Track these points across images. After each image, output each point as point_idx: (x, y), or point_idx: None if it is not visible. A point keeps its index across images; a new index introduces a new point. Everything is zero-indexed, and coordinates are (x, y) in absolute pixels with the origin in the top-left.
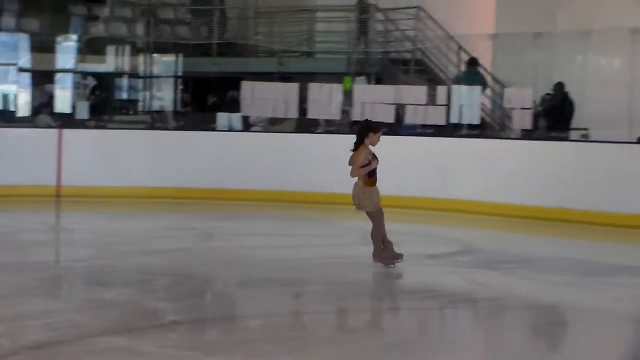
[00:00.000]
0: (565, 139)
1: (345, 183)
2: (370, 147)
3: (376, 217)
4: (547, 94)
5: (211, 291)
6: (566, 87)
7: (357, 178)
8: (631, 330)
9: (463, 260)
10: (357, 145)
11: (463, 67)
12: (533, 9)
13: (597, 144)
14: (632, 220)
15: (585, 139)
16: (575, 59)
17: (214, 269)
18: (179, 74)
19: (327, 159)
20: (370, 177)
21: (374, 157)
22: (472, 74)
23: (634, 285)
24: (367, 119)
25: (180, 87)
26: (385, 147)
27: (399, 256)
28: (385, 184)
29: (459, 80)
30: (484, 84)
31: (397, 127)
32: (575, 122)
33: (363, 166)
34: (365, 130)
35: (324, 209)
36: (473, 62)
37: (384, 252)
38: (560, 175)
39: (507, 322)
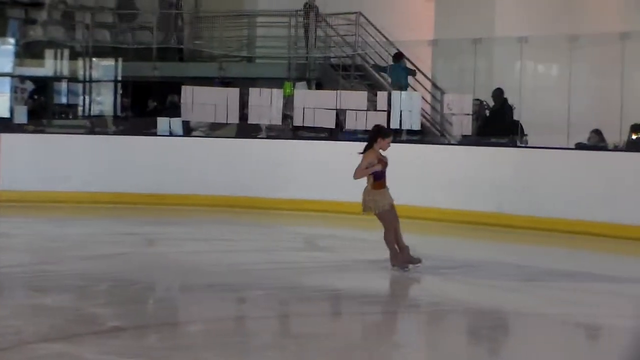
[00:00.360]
0: (505, 144)
1: (288, 188)
2: (381, 151)
3: (385, 219)
4: (477, 99)
5: (153, 297)
6: (505, 93)
7: (366, 181)
8: (571, 335)
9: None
10: (366, 148)
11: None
12: (472, 15)
13: (536, 149)
14: (570, 226)
15: (524, 144)
16: (514, 65)
17: (156, 274)
18: (119, 78)
19: (269, 164)
20: (377, 180)
21: (381, 160)
22: (398, 67)
23: (572, 290)
24: (377, 124)
25: (120, 91)
26: (326, 152)
27: (416, 260)
28: (326, 190)
29: (388, 74)
30: (412, 73)
31: (338, 133)
32: (514, 128)
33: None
34: (375, 135)
35: (267, 215)
36: (398, 57)
37: (400, 255)
38: (500, 181)
39: (449, 327)
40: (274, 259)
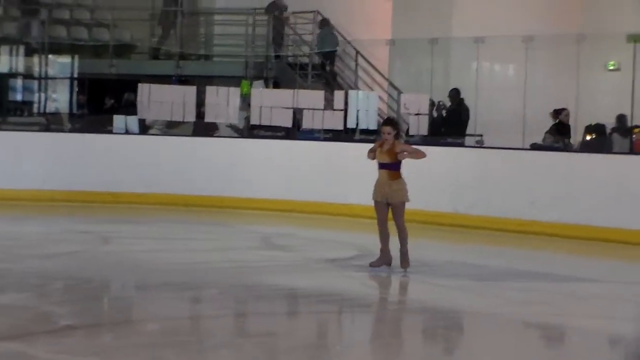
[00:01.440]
0: (461, 144)
1: (245, 187)
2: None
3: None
4: (430, 101)
5: (108, 295)
6: (462, 93)
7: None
8: (523, 334)
9: (361, 264)
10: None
11: (360, 72)
12: (429, 15)
13: (491, 150)
14: (525, 226)
15: (479, 144)
16: (471, 66)
17: (111, 272)
18: (75, 75)
19: (226, 163)
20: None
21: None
22: (325, 34)
23: (525, 290)
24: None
25: (76, 89)
26: (283, 151)
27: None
28: (284, 189)
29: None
30: (335, 43)
31: (295, 132)
32: (470, 128)
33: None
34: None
35: (224, 214)
36: (325, 23)
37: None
38: (455, 181)
39: (404, 326)
40: (230, 257)
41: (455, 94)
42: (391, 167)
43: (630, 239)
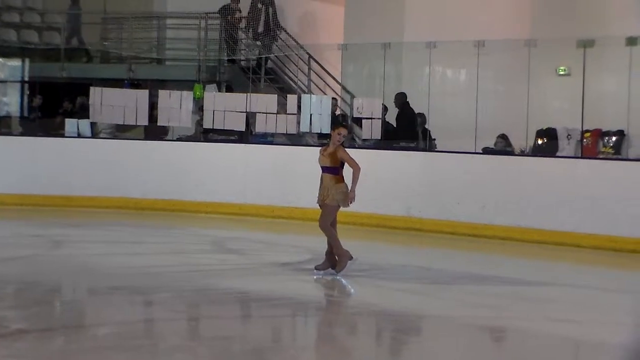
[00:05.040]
0: (414, 148)
1: (198, 191)
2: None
3: None
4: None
5: (59, 299)
6: (408, 97)
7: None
8: (475, 337)
9: (313, 268)
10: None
11: (313, 76)
12: (381, 20)
13: (443, 154)
14: (477, 229)
15: (432, 149)
16: (423, 70)
17: (62, 276)
18: (26, 79)
19: (178, 167)
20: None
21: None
22: None
23: (477, 293)
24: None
25: (27, 92)
26: (236, 155)
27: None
28: (237, 193)
29: None
30: None
31: (248, 136)
32: (417, 132)
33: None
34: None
35: (176, 217)
36: None
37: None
38: (408, 185)
39: (356, 330)
40: (183, 261)
41: (399, 97)
42: (332, 171)
43: (580, 242)
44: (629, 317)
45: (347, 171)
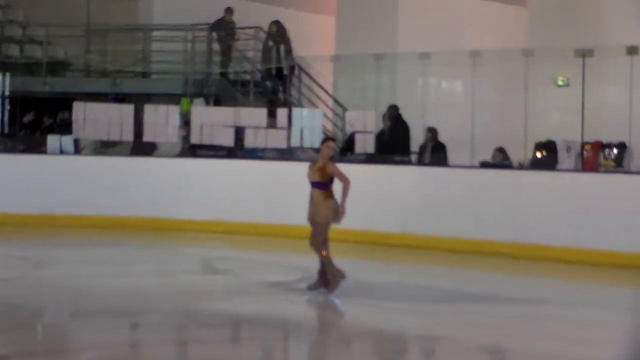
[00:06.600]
0: (408, 162)
1: (185, 209)
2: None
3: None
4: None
5: (43, 322)
6: (402, 109)
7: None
8: (473, 358)
9: (305, 288)
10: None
11: (303, 89)
12: (374, 31)
13: (439, 168)
14: (475, 246)
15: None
16: (417, 82)
17: (46, 298)
18: (7, 93)
19: (165, 184)
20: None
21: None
22: None
23: (476, 312)
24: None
25: (8, 107)
26: (225, 171)
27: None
28: (225, 210)
29: None
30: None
31: (237, 151)
32: (415, 145)
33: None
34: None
35: (163, 236)
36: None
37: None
38: (403, 200)
39: (350, 352)
40: (170, 282)
41: (392, 111)
42: (321, 187)
43: (582, 258)
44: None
45: (337, 187)
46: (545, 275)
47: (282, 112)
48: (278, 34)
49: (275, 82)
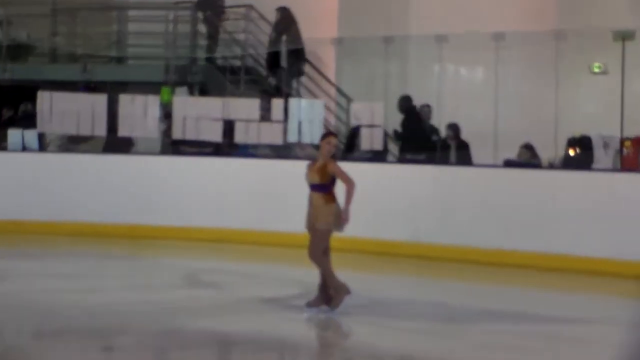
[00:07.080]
0: (422, 161)
1: (167, 214)
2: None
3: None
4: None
5: (1, 344)
6: (415, 100)
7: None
8: None
9: (303, 304)
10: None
11: (303, 78)
12: (382, 10)
13: (457, 167)
14: (497, 257)
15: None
16: (432, 68)
17: (5, 316)
18: None
19: (144, 185)
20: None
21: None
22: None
23: (496, 332)
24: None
25: None
26: (211, 171)
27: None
28: (212, 215)
29: None
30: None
31: (227, 147)
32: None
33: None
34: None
35: (140, 245)
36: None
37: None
38: (415, 204)
39: None
40: (148, 298)
41: (405, 103)
42: (322, 189)
43: (622, 271)
44: None
45: (340, 189)
46: (579, 291)
47: (277, 103)
48: (282, 21)
49: (280, 79)
